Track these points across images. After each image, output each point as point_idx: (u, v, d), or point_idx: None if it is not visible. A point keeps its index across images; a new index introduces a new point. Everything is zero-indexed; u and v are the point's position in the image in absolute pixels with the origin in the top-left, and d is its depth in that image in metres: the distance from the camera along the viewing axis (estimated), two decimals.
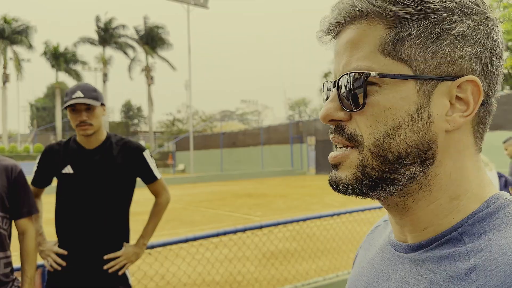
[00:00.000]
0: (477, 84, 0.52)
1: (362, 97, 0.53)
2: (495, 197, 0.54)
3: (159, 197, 2.54)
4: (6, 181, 2.08)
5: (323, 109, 0.56)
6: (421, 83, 0.52)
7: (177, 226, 9.22)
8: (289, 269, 5.25)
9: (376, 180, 0.54)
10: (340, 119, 0.55)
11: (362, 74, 0.53)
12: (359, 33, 0.54)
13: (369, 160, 0.54)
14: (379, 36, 0.53)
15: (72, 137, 2.48)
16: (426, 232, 0.55)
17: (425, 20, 0.51)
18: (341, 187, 0.56)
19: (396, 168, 0.53)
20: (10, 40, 36.77)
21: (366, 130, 0.53)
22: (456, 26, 0.51)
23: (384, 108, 0.52)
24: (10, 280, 2.08)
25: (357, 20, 0.54)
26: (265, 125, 36.85)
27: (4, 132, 38.01)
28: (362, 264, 0.68)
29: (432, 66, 0.52)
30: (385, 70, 0.52)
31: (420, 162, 0.53)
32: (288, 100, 67.44)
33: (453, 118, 0.52)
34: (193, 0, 33.18)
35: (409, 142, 0.52)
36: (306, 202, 12.97)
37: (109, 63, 41.61)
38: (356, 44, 0.54)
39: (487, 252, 0.48)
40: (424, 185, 0.54)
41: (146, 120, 56.66)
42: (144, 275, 4.14)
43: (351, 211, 4.70)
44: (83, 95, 2.28)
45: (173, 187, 19.16)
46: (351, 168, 0.55)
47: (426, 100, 0.52)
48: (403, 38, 0.52)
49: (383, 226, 0.71)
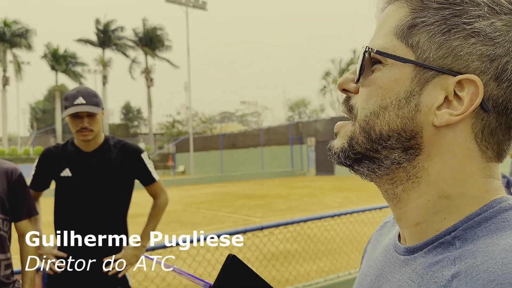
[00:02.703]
0: (477, 85, 0.48)
1: (359, 71, 0.55)
2: (497, 201, 0.51)
3: (158, 199, 2.54)
4: (6, 183, 2.09)
5: (342, 77, 0.59)
6: (419, 71, 0.51)
7: (178, 228, 9.22)
8: (290, 270, 5.24)
9: (359, 155, 0.55)
10: (350, 90, 0.57)
11: (367, 48, 0.54)
12: (388, 13, 0.56)
13: (357, 134, 0.55)
14: (399, 18, 0.54)
15: (69, 139, 2.47)
16: (420, 230, 0.54)
17: (446, 10, 0.50)
18: (331, 153, 0.58)
19: (377, 148, 0.54)
20: (10, 43, 36.80)
21: (361, 104, 0.55)
22: (475, 22, 0.49)
23: (378, 86, 0.53)
24: (11, 282, 2.08)
25: (392, 2, 0.56)
26: (265, 126, 36.83)
27: (4, 135, 38.02)
28: (368, 263, 0.67)
29: (435, 57, 0.50)
30: (391, 51, 0.53)
31: (404, 149, 0.52)
32: (288, 101, 67.51)
33: (441, 114, 0.50)
34: (191, 2, 33.22)
35: (391, 125, 0.52)
36: (306, 203, 12.97)
37: (108, 65, 41.65)
38: (383, 23, 0.56)
39: (471, 259, 0.46)
40: (413, 176, 0.53)
41: (146, 122, 56.68)
42: (145, 277, 4.13)
43: (351, 212, 4.70)
44: (85, 102, 2.26)
45: (173, 188, 19.19)
46: (343, 138, 0.57)
47: (418, 88, 0.51)
48: (416, 24, 0.52)
49: (391, 223, 0.71)
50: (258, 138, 32.33)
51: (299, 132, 29.16)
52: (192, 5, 33.19)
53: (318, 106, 61.34)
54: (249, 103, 63.19)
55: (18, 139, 47.38)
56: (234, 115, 59.45)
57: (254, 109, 62.12)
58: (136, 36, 41.04)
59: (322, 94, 46.39)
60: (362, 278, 0.66)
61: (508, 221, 0.48)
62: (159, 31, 40.95)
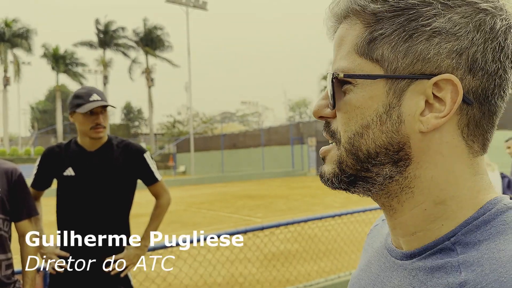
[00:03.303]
0: (454, 83, 0.48)
1: (332, 98, 0.54)
2: (492, 202, 0.51)
3: (160, 199, 2.54)
4: (7, 184, 2.09)
5: (314, 105, 0.58)
6: (392, 83, 0.50)
7: (179, 228, 9.22)
8: (290, 270, 5.24)
9: (351, 177, 0.55)
10: (327, 116, 0.57)
11: (333, 74, 0.54)
12: (341, 33, 0.55)
13: (344, 157, 0.54)
14: (356, 35, 0.53)
15: (72, 139, 2.48)
16: (417, 238, 0.53)
17: (400, 17, 0.49)
18: (324, 180, 0.58)
19: (368, 167, 0.53)
20: (10, 43, 36.83)
21: (342, 128, 0.54)
22: (433, 22, 0.48)
23: (354, 107, 0.52)
24: (12, 282, 2.08)
25: (344, 19, 0.55)
26: (266, 126, 36.86)
27: (5, 135, 38.06)
28: (361, 266, 0.67)
29: (404, 65, 0.50)
30: (358, 70, 0.52)
31: (393, 162, 0.52)
32: (289, 101, 67.52)
33: (427, 119, 0.49)
34: (192, 2, 33.22)
35: (377, 142, 0.52)
36: (307, 203, 12.97)
37: (109, 66, 41.68)
38: (340, 44, 0.55)
39: (478, 267, 0.45)
40: (405, 187, 0.52)
41: (147, 122, 56.73)
42: (145, 277, 4.13)
43: (352, 212, 4.70)
44: (100, 98, 2.32)
45: (174, 189, 19.17)
46: (332, 163, 0.57)
47: (396, 100, 0.50)
48: (375, 38, 0.51)
49: (380, 225, 0.70)
50: (259, 138, 32.32)
51: (299, 132, 29.16)
52: (192, 5, 33.21)
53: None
54: (250, 103, 63.19)
55: (19, 139, 47.43)
56: (235, 115, 59.42)
57: (254, 109, 62.09)
58: (136, 36, 41.07)
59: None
60: (355, 282, 0.66)
61: (507, 223, 0.48)
62: (160, 31, 40.99)
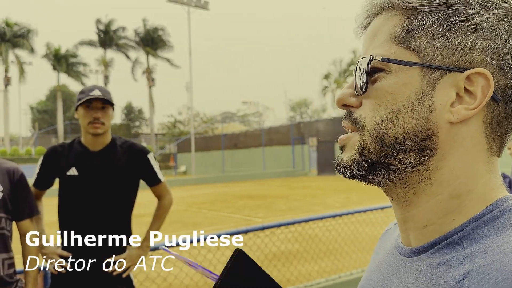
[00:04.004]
0: (487, 77, 0.50)
1: (365, 81, 0.55)
2: (502, 200, 0.52)
3: (162, 200, 2.55)
4: (9, 183, 2.10)
5: (339, 93, 0.59)
6: (427, 72, 0.52)
7: (179, 228, 9.22)
8: (291, 270, 5.24)
9: (373, 163, 0.55)
10: (351, 105, 0.57)
11: (371, 57, 0.54)
12: (379, 23, 0.57)
13: (368, 143, 0.55)
14: (394, 26, 0.55)
15: (76, 139, 2.48)
16: (427, 232, 0.54)
17: (440, 12, 0.52)
18: (341, 168, 0.58)
19: (393, 153, 0.54)
20: (11, 43, 36.85)
21: (368, 114, 0.55)
22: (472, 19, 0.51)
23: (386, 92, 0.54)
24: (14, 281, 2.09)
25: (380, 13, 0.57)
26: (266, 126, 36.84)
27: (6, 135, 38.09)
28: (371, 268, 0.67)
29: (440, 56, 0.52)
30: (394, 57, 0.54)
31: (419, 150, 0.53)
32: (289, 101, 67.52)
33: (458, 110, 0.51)
34: (193, 2, 33.22)
35: (406, 127, 0.53)
36: (307, 203, 12.97)
37: (110, 65, 41.69)
38: (375, 34, 0.57)
39: (482, 258, 0.46)
40: (425, 178, 0.53)
41: (148, 122, 56.71)
42: (146, 277, 4.13)
43: (353, 212, 4.70)
44: (101, 94, 2.33)
45: (174, 189, 19.12)
46: (352, 150, 0.57)
47: (429, 89, 0.52)
48: (414, 28, 0.53)
49: (393, 229, 0.71)
50: (260, 138, 32.32)
51: (300, 132, 29.16)
52: (194, 5, 33.20)
53: (320, 106, 61.34)
54: (251, 103, 63.15)
55: (20, 139, 47.45)
56: (236, 115, 59.40)
57: (255, 109, 62.08)
58: (137, 36, 41.05)
59: (323, 94, 46.37)
60: (364, 283, 0.66)
61: None
62: (161, 31, 40.97)
